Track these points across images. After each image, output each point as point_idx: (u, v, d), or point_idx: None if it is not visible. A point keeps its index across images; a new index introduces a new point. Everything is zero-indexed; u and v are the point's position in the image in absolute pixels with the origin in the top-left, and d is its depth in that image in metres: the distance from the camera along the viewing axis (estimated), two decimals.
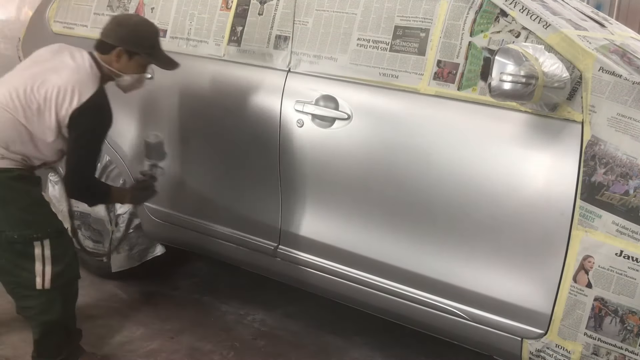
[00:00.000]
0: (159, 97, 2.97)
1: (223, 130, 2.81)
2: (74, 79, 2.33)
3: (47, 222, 2.39)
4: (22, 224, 2.31)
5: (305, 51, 2.60)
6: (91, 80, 2.36)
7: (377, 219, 2.44)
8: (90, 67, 2.40)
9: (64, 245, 2.43)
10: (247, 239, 2.81)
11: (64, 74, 2.33)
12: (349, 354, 2.90)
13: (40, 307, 2.38)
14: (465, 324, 2.28)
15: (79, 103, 2.29)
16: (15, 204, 2.31)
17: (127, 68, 2.46)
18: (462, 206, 2.23)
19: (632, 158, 1.93)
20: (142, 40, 2.45)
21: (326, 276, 2.60)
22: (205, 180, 2.92)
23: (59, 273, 2.37)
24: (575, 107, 2.03)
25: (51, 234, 2.36)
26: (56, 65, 2.39)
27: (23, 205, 2.33)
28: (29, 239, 2.31)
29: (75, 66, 2.38)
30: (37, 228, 2.33)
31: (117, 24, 2.47)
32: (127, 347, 2.78)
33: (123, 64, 2.45)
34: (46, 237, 2.34)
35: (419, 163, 2.31)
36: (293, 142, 2.60)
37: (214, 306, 3.24)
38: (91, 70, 2.40)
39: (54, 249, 2.35)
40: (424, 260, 2.34)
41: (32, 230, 2.32)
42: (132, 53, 2.44)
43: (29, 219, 2.32)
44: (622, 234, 1.94)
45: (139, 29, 2.48)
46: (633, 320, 1.95)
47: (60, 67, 2.37)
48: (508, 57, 1.91)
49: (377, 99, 2.42)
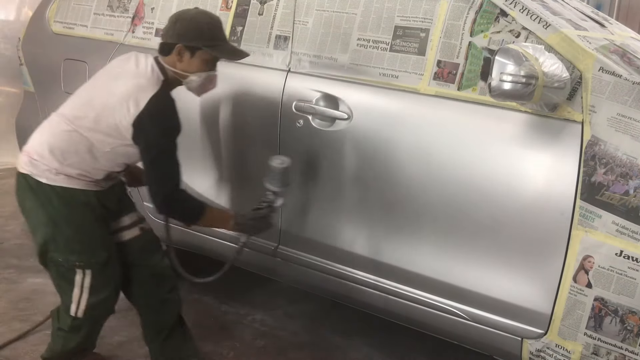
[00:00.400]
0: None
1: (223, 130, 2.81)
2: (132, 84, 2.22)
3: (93, 251, 2.28)
4: (68, 248, 2.25)
5: (305, 51, 2.60)
6: (150, 85, 2.23)
7: (377, 219, 2.44)
8: (151, 71, 2.27)
9: (106, 278, 2.32)
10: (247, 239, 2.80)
11: (123, 81, 2.24)
12: (349, 354, 2.90)
13: (66, 329, 2.36)
14: (465, 324, 2.28)
15: (138, 110, 2.17)
16: (66, 226, 2.24)
17: (191, 66, 2.29)
18: (462, 206, 2.23)
19: (632, 158, 1.93)
20: (202, 33, 2.26)
21: (326, 276, 2.60)
22: (205, 180, 2.91)
23: (94, 305, 2.31)
24: (575, 107, 2.03)
25: (94, 265, 2.27)
26: (119, 72, 2.30)
27: (73, 229, 2.24)
28: (72, 265, 2.25)
29: (135, 72, 2.26)
30: (81, 256, 2.25)
31: (174, 21, 2.31)
32: (127, 347, 2.77)
33: (186, 63, 2.28)
34: (89, 267, 2.26)
35: (418, 163, 2.31)
36: (293, 142, 2.60)
37: (214, 306, 3.24)
38: (152, 74, 2.26)
39: (94, 280, 2.27)
40: (424, 260, 2.34)
41: (76, 257, 2.25)
42: (193, 48, 2.27)
43: (75, 246, 2.25)
44: (622, 234, 1.94)
45: (197, 21, 2.29)
46: (633, 320, 1.95)
47: (122, 74, 2.29)
48: (508, 57, 1.91)
49: (377, 99, 2.42)
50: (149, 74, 2.26)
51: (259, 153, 2.70)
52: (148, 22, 3.12)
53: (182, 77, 2.31)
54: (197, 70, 2.30)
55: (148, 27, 3.11)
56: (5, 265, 3.53)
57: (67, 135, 2.25)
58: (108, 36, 3.25)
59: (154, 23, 3.10)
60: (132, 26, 3.17)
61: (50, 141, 2.26)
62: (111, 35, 3.24)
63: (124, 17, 3.22)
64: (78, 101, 2.31)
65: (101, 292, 2.31)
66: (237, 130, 2.76)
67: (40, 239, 2.27)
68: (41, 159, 2.24)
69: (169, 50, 2.29)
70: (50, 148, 2.24)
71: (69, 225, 2.24)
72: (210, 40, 2.28)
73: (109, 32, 3.26)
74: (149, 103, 2.18)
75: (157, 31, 3.07)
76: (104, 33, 3.28)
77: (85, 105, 2.27)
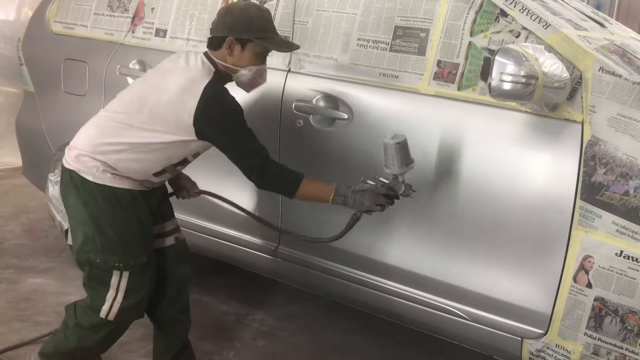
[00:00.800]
0: None
1: None
2: (184, 78, 2.19)
3: (133, 253, 2.23)
4: (108, 249, 2.20)
5: (305, 51, 2.60)
6: (202, 76, 2.19)
7: (377, 219, 2.44)
8: (202, 65, 2.23)
9: (142, 281, 2.28)
10: (247, 239, 2.81)
11: (175, 77, 2.21)
12: (349, 354, 2.90)
13: (87, 327, 2.29)
14: (465, 324, 2.28)
15: (195, 102, 2.13)
16: (109, 227, 2.20)
17: (242, 60, 2.24)
18: (462, 206, 2.23)
19: (632, 158, 1.93)
20: (252, 25, 2.21)
21: (326, 276, 2.60)
22: (205, 180, 2.91)
23: (127, 308, 2.26)
24: (575, 107, 2.03)
25: (133, 267, 2.23)
26: (169, 69, 2.27)
27: (116, 230, 2.20)
28: (110, 266, 2.21)
29: (186, 67, 2.23)
30: (122, 257, 2.21)
31: (223, 14, 2.27)
32: (127, 347, 2.77)
33: (237, 56, 2.23)
34: (127, 269, 2.22)
35: (418, 163, 2.31)
36: (293, 142, 2.60)
37: (214, 306, 3.24)
38: (203, 67, 2.22)
39: (130, 283, 2.24)
40: (424, 260, 2.34)
41: (116, 258, 2.20)
42: (244, 41, 2.22)
43: (116, 247, 2.20)
44: (622, 234, 1.94)
45: (246, 12, 2.24)
46: (633, 320, 1.95)
47: (173, 71, 2.25)
48: (508, 57, 1.91)
49: (377, 99, 2.42)
50: (200, 67, 2.22)
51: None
52: (148, 22, 3.12)
53: (232, 72, 2.27)
54: (248, 63, 2.25)
55: (148, 27, 3.11)
56: (5, 265, 3.53)
57: (118, 132, 2.20)
58: (108, 36, 3.25)
59: (154, 23, 3.10)
60: (132, 26, 3.17)
61: (99, 137, 2.22)
62: (111, 35, 3.24)
63: (124, 17, 3.22)
64: (129, 98, 2.26)
65: (136, 296, 2.26)
66: None
67: (80, 238, 2.23)
68: (88, 155, 2.20)
69: (219, 44, 2.25)
70: (98, 144, 2.20)
71: (112, 225, 2.20)
72: (261, 32, 2.24)
73: (109, 32, 3.26)
74: (205, 93, 2.14)
75: (157, 31, 3.07)
76: (104, 33, 3.28)
77: (138, 102, 2.22)
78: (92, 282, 2.27)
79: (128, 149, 2.19)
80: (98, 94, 3.20)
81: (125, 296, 2.24)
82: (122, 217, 2.22)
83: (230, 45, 2.22)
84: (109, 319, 2.25)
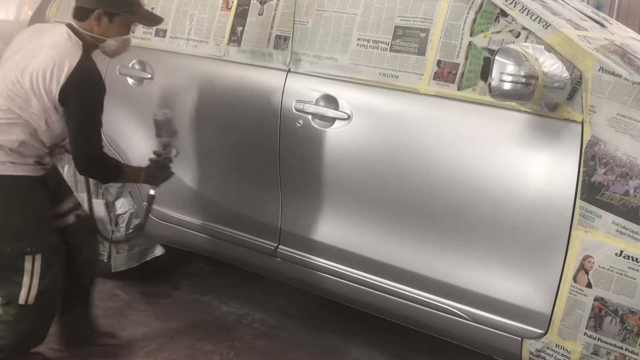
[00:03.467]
0: (158, 98, 2.97)
1: (223, 130, 2.81)
2: (54, 54, 2.25)
3: (43, 235, 2.31)
4: (17, 236, 2.25)
5: (305, 51, 2.60)
6: (73, 51, 2.27)
7: (377, 219, 2.44)
8: (69, 38, 2.30)
9: (54, 261, 2.33)
10: (247, 239, 2.81)
11: (44, 53, 2.26)
12: (349, 354, 2.90)
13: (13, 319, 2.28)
14: (465, 324, 2.28)
15: (66, 76, 2.22)
16: (14, 214, 2.25)
17: (109, 31, 2.35)
18: (462, 206, 2.23)
19: (632, 158, 1.93)
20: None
21: (326, 276, 2.60)
22: (205, 180, 2.92)
23: (45, 289, 2.29)
24: (575, 107, 2.03)
25: (44, 249, 2.29)
26: (35, 47, 2.32)
27: (20, 216, 2.26)
28: (21, 252, 2.25)
29: (53, 42, 2.29)
30: (32, 241, 2.26)
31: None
32: (127, 347, 2.77)
33: (104, 28, 2.34)
34: (39, 252, 2.27)
35: (418, 163, 2.31)
36: (293, 142, 2.60)
37: (214, 306, 3.24)
38: (70, 40, 2.30)
39: (44, 263, 2.28)
40: (424, 260, 2.34)
41: (26, 242, 2.25)
42: (112, 14, 2.33)
43: (25, 232, 2.26)
44: (622, 234, 1.94)
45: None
46: (633, 320, 1.95)
47: (39, 47, 2.30)
48: (508, 57, 1.92)
49: (377, 99, 2.42)
50: (68, 40, 2.30)
51: (259, 153, 2.70)
52: None
53: (99, 42, 2.37)
54: (116, 35, 2.37)
55: (148, 27, 3.11)
56: None
57: (4, 125, 2.25)
58: None
59: None
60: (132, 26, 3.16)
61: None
62: None
63: None
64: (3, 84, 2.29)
65: (51, 274, 2.31)
66: (237, 130, 2.76)
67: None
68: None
69: (86, 15, 2.33)
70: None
71: (18, 212, 2.26)
72: (129, 6, 2.38)
73: None
74: (76, 69, 2.23)
75: (156, 31, 3.07)
76: None
77: (11, 87, 2.26)
78: (5, 273, 2.28)
79: (14, 127, 2.25)
80: None
81: (42, 277, 2.28)
82: (26, 203, 2.28)
83: (99, 17, 2.32)
84: (29, 304, 2.27)
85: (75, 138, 2.32)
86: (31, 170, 2.31)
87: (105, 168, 2.42)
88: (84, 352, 2.65)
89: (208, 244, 2.95)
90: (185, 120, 2.90)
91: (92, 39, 2.35)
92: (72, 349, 2.62)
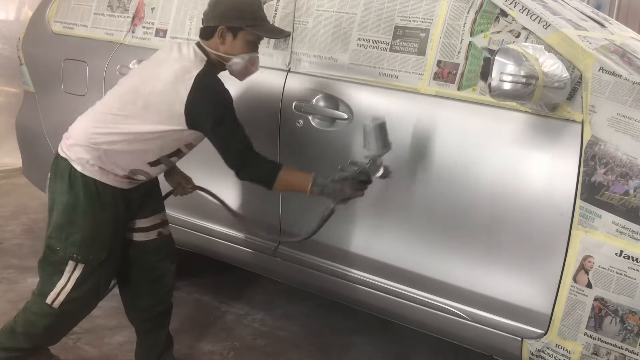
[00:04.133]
0: None
1: None
2: (177, 67, 2.21)
3: (95, 248, 2.25)
4: (71, 240, 2.22)
5: (305, 51, 2.60)
6: (194, 65, 2.21)
7: (377, 219, 2.44)
8: (194, 54, 2.25)
9: (94, 277, 2.28)
10: (247, 239, 2.81)
11: (167, 66, 2.23)
12: (349, 354, 2.90)
13: (35, 311, 2.28)
14: (465, 324, 2.28)
15: (187, 91, 2.16)
16: (81, 218, 2.22)
17: (234, 48, 2.27)
18: (462, 206, 2.23)
19: (632, 158, 1.93)
20: (243, 13, 2.25)
21: (326, 276, 2.60)
22: (205, 180, 2.91)
23: (73, 300, 2.26)
24: (575, 107, 2.03)
25: (90, 261, 2.24)
26: (163, 60, 2.28)
27: (86, 223, 2.22)
28: (68, 256, 2.23)
29: (179, 57, 2.25)
30: (81, 250, 2.23)
31: (214, 4, 2.29)
32: (127, 347, 2.77)
33: (229, 45, 2.26)
34: (83, 262, 2.24)
35: (418, 163, 2.31)
36: (293, 142, 2.60)
37: (214, 306, 3.24)
38: (195, 56, 2.24)
39: (82, 276, 2.24)
40: (424, 260, 2.34)
41: (76, 249, 2.22)
42: (235, 29, 2.25)
43: (80, 239, 2.22)
44: (622, 234, 1.94)
45: (237, 1, 2.28)
46: (633, 320, 1.95)
47: (166, 61, 2.27)
48: (508, 57, 1.91)
49: (377, 99, 2.42)
50: (192, 56, 2.24)
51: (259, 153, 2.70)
52: (148, 22, 3.12)
53: (225, 60, 2.29)
54: (240, 52, 2.28)
55: (148, 27, 3.11)
56: (5, 265, 3.53)
57: (112, 123, 2.22)
58: (108, 36, 3.25)
59: (154, 23, 3.10)
60: (132, 26, 3.17)
61: (93, 128, 2.24)
62: (111, 35, 3.24)
63: (124, 17, 3.22)
64: (124, 90, 2.28)
65: (84, 289, 2.27)
66: None
67: (51, 223, 2.27)
68: (81, 145, 2.22)
69: (210, 33, 2.27)
70: (92, 135, 2.22)
71: (83, 217, 2.22)
72: (252, 20, 2.27)
73: (109, 32, 3.26)
74: (196, 81, 2.17)
75: (157, 31, 3.07)
76: (104, 33, 3.28)
77: (132, 93, 2.24)
78: (47, 266, 2.28)
79: (121, 140, 2.21)
80: (98, 94, 3.19)
81: (75, 287, 2.25)
82: (96, 211, 2.23)
83: (222, 34, 2.25)
84: (54, 307, 2.26)
85: (222, 150, 2.25)
86: (117, 181, 2.25)
87: (259, 170, 2.27)
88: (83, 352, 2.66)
89: (208, 244, 2.96)
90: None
91: (218, 57, 2.28)
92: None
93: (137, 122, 2.21)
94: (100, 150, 2.21)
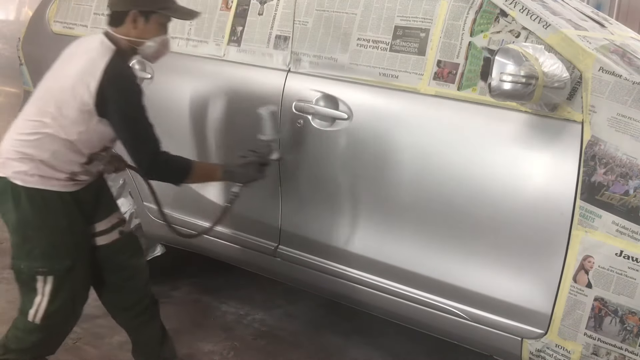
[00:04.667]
0: (158, 98, 2.97)
1: (223, 130, 2.81)
2: (83, 60, 2.18)
3: (58, 258, 2.21)
4: (32, 255, 2.19)
5: (305, 51, 2.60)
6: (102, 56, 2.17)
7: (377, 219, 2.44)
8: (100, 44, 2.21)
9: (66, 286, 2.24)
10: (247, 239, 2.81)
11: (75, 61, 2.20)
12: (349, 354, 2.90)
13: (22, 329, 2.27)
14: (465, 323, 2.28)
15: (97, 81, 2.12)
16: (35, 231, 2.18)
17: (146, 32, 2.24)
18: (462, 206, 2.23)
19: (632, 158, 1.93)
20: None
21: (326, 276, 2.60)
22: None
23: (52, 313, 2.23)
24: (575, 107, 2.03)
25: (57, 272, 2.20)
26: (70, 55, 2.27)
27: (41, 235, 2.18)
28: (34, 272, 2.19)
29: (85, 49, 2.22)
30: (45, 262, 2.19)
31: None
32: (127, 347, 2.77)
33: (141, 29, 2.23)
34: (50, 274, 2.19)
35: (418, 163, 2.31)
36: (293, 142, 2.60)
37: (214, 306, 3.24)
38: (101, 46, 2.20)
39: (54, 287, 2.21)
40: (424, 260, 2.34)
41: (39, 263, 2.19)
42: (147, 13, 2.23)
43: (40, 253, 2.18)
44: (622, 234, 1.94)
45: None
46: (633, 320, 1.95)
47: (73, 55, 2.25)
48: (508, 57, 1.91)
49: (377, 99, 2.42)
50: (98, 46, 2.21)
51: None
52: None
53: (137, 45, 2.27)
54: (153, 35, 2.26)
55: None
56: (5, 265, 3.52)
57: (33, 127, 2.18)
58: None
59: None
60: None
61: (17, 135, 2.20)
62: None
63: None
64: (38, 94, 2.26)
65: (60, 300, 2.23)
66: (237, 130, 2.76)
67: (13, 244, 2.23)
68: (13, 158, 2.17)
69: (120, 20, 2.25)
70: (18, 141, 2.18)
71: (37, 230, 2.18)
72: (164, 2, 2.27)
73: None
74: (105, 72, 2.14)
75: None
76: None
77: (45, 96, 2.21)
78: (21, 287, 2.26)
79: (47, 145, 2.16)
80: None
81: (50, 300, 2.21)
82: (48, 220, 2.19)
83: (134, 19, 2.22)
84: (36, 322, 2.23)
85: (129, 145, 2.22)
86: (61, 185, 2.19)
87: (170, 167, 2.29)
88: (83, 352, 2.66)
89: (208, 244, 2.95)
90: (185, 120, 2.90)
91: (130, 43, 2.25)
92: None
93: (55, 125, 2.16)
94: (35, 160, 2.16)
